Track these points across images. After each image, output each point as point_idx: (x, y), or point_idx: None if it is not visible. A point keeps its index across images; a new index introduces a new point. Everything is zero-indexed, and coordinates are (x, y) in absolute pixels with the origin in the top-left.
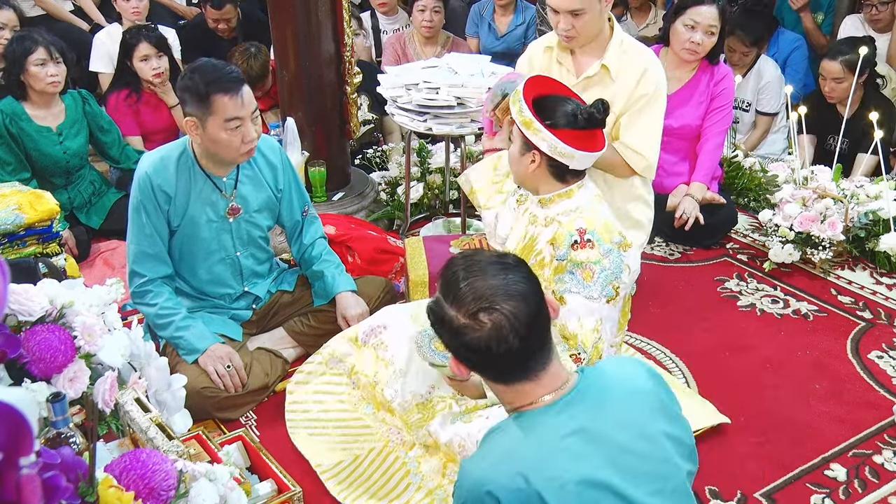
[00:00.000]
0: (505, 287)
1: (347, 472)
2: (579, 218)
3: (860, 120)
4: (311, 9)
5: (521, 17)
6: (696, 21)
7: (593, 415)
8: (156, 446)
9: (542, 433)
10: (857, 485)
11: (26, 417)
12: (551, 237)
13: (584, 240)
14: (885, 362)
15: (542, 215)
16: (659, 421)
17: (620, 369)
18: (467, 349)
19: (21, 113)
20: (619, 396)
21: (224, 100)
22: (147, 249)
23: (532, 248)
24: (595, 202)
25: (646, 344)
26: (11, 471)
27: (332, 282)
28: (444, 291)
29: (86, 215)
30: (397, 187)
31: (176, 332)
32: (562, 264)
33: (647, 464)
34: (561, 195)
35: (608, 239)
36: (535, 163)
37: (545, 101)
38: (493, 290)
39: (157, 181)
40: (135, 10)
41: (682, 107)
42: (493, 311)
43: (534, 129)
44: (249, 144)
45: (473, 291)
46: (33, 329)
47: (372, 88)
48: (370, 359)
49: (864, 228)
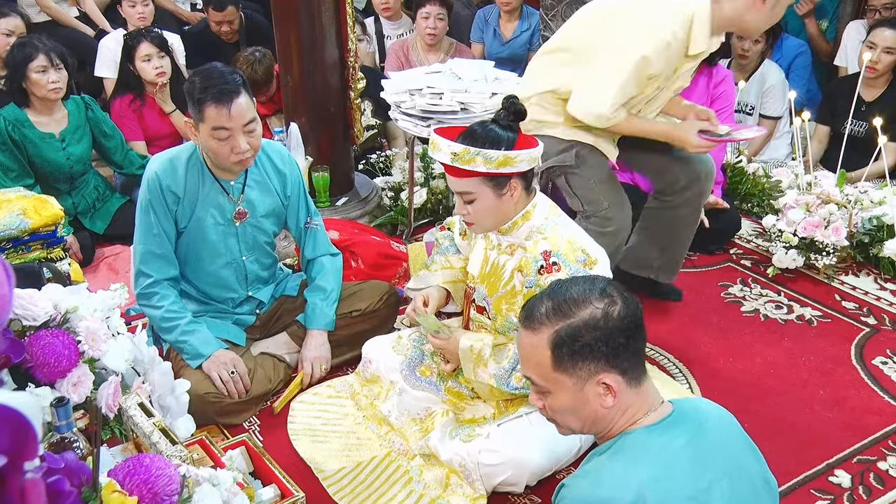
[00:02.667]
0: (588, 279)
1: (349, 478)
2: (542, 240)
3: (883, 103)
4: (315, 14)
5: (527, 23)
6: None
7: (696, 438)
8: (159, 451)
9: (652, 451)
10: (862, 491)
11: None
12: (517, 264)
13: (549, 263)
14: (889, 368)
15: (505, 242)
16: (752, 459)
17: (710, 403)
18: (622, 332)
19: (24, 119)
20: (716, 427)
21: (212, 109)
22: (155, 249)
23: (499, 275)
24: (553, 215)
25: (649, 349)
26: (15, 475)
27: (311, 314)
28: (559, 318)
29: (90, 220)
30: (401, 192)
31: (181, 337)
32: (531, 291)
33: (744, 494)
34: (522, 218)
35: (573, 258)
36: (516, 189)
37: (474, 137)
38: (586, 282)
39: (166, 182)
40: (140, 15)
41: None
42: (608, 284)
43: (510, 159)
44: (239, 156)
45: (579, 290)
46: (37, 334)
47: (375, 94)
48: (368, 386)
49: (869, 234)
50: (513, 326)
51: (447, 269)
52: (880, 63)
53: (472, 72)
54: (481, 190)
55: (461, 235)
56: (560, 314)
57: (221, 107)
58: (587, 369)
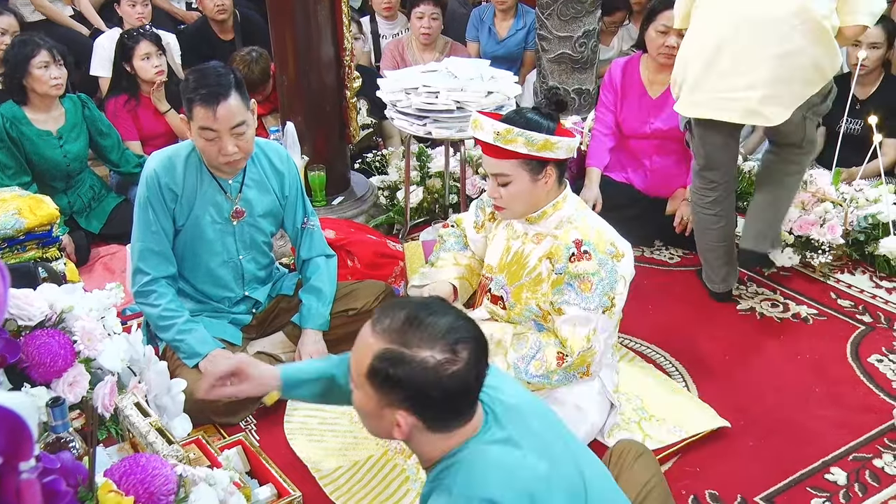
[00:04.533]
0: (452, 318)
1: (346, 477)
2: (573, 229)
3: (877, 101)
4: (311, 13)
5: (522, 22)
6: (668, 26)
7: (516, 422)
8: (155, 451)
9: (499, 451)
10: (858, 488)
11: (26, 422)
12: (547, 251)
13: (580, 251)
14: (884, 366)
15: (532, 231)
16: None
17: (494, 376)
18: (438, 390)
19: (21, 117)
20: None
21: (200, 109)
22: (153, 247)
23: (522, 264)
24: (581, 208)
25: (646, 348)
26: (11, 475)
27: (306, 314)
28: (399, 341)
29: (85, 220)
30: (397, 191)
31: (178, 336)
32: (560, 277)
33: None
34: (552, 207)
35: (602, 249)
36: (551, 177)
37: (515, 120)
38: (449, 322)
39: (165, 179)
40: (140, 15)
41: (669, 108)
42: (467, 342)
43: (551, 144)
44: (226, 157)
45: (436, 329)
46: (33, 334)
47: (371, 93)
48: None
49: (864, 232)
50: (532, 315)
51: (456, 266)
52: (868, 59)
53: (468, 70)
54: (518, 173)
55: (475, 229)
56: (401, 336)
57: (208, 108)
58: (393, 397)
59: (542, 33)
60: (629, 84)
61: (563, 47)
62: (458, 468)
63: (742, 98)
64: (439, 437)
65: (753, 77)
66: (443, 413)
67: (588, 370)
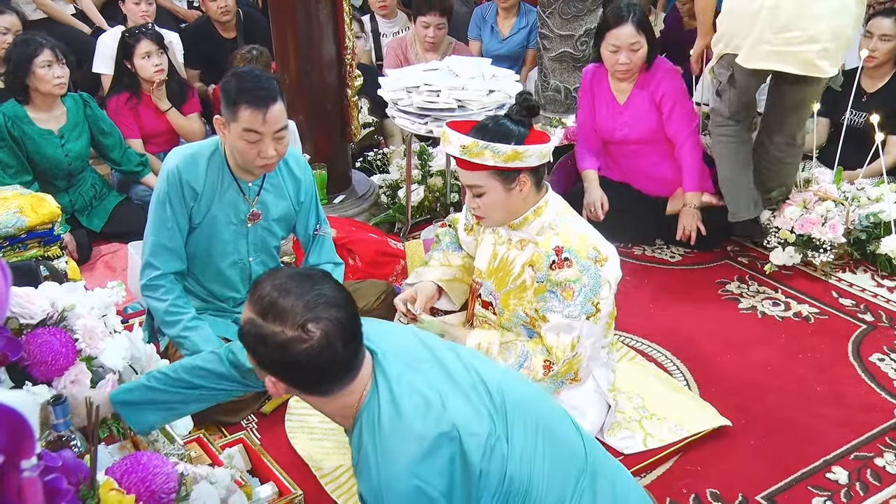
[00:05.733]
0: (322, 297)
1: (347, 475)
2: (554, 235)
3: (884, 95)
4: (312, 12)
5: (524, 21)
6: (617, 45)
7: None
8: (157, 449)
9: (391, 414)
10: (859, 487)
11: (27, 420)
12: (529, 259)
13: (561, 259)
14: (886, 365)
15: (515, 237)
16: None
17: (378, 328)
18: (293, 364)
19: (23, 116)
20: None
21: (247, 112)
22: (166, 243)
23: (507, 270)
24: (565, 212)
25: (647, 346)
26: (13, 473)
27: None
28: (259, 311)
29: (87, 218)
30: (398, 190)
31: (183, 332)
32: (542, 285)
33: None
34: (533, 213)
35: (584, 254)
36: (525, 185)
37: (485, 131)
38: (314, 300)
39: (187, 176)
40: (144, 13)
41: (636, 114)
42: (319, 321)
43: (519, 154)
44: (265, 160)
45: (294, 305)
46: (35, 332)
47: (372, 91)
48: None
49: (866, 231)
50: (520, 321)
51: (444, 267)
52: (878, 51)
53: (470, 69)
54: (490, 184)
55: (466, 231)
56: (261, 307)
57: (257, 111)
58: (257, 361)
59: (544, 32)
60: (599, 90)
61: (565, 46)
62: (366, 442)
63: (804, 51)
64: (326, 401)
65: (814, 31)
66: (309, 383)
67: (577, 376)
